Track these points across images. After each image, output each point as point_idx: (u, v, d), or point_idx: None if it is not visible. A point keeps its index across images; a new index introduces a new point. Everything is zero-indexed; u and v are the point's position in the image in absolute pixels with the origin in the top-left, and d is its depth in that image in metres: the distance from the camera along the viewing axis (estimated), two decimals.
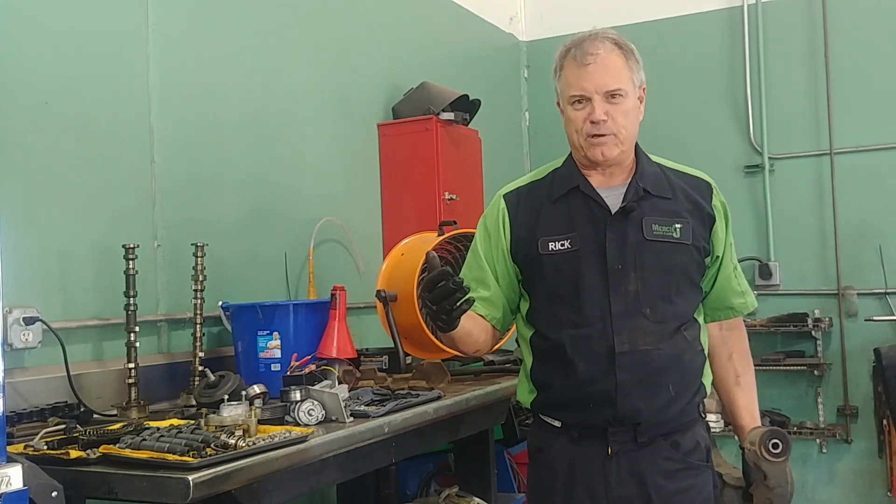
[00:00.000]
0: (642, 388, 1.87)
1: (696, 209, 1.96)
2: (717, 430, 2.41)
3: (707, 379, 2.00)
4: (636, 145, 1.99)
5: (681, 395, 1.91)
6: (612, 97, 1.88)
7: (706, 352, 2.01)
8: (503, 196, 2.05)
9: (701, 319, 2.02)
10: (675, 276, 1.92)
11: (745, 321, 2.15)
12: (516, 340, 3.02)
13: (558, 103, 1.98)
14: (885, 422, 4.16)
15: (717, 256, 2.01)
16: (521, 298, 2.05)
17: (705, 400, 2.01)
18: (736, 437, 2.08)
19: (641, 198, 1.92)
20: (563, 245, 1.91)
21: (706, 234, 1.97)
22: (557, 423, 1.97)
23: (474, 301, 1.83)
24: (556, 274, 1.92)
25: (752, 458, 1.97)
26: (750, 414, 2.06)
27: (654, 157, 2.02)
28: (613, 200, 1.93)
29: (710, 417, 2.23)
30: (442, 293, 1.70)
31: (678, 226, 1.92)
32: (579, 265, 1.90)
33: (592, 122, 1.88)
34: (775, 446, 1.93)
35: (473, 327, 1.97)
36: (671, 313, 1.91)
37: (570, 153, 2.00)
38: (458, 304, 1.72)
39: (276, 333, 2.57)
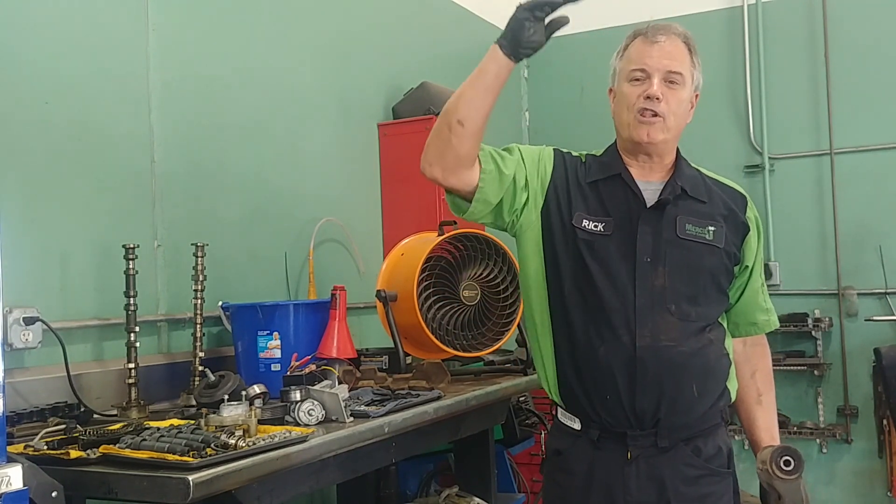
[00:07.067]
0: (663, 384, 1.83)
1: (730, 216, 1.95)
2: None
3: (732, 385, 1.97)
4: (677, 149, 1.97)
5: (704, 396, 1.88)
6: (671, 82, 1.87)
7: (731, 356, 1.97)
8: (552, 149, 2.00)
9: (725, 325, 1.99)
10: (703, 278, 1.89)
11: None
12: (516, 340, 3.05)
13: (610, 90, 1.96)
14: (885, 422, 4.16)
15: (747, 266, 1.98)
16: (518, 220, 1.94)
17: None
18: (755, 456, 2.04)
19: (678, 196, 1.90)
20: (596, 227, 1.88)
21: (738, 241, 1.95)
22: (577, 426, 1.93)
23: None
24: (587, 252, 1.88)
25: (765, 478, 1.92)
26: (769, 434, 2.03)
27: (692, 164, 2.01)
28: (650, 195, 1.91)
29: None
30: None
31: (711, 228, 1.90)
32: (610, 251, 1.86)
33: (647, 98, 1.85)
34: (787, 463, 1.89)
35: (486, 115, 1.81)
36: (696, 313, 1.87)
37: (612, 143, 1.99)
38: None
39: (276, 333, 2.57)
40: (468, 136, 1.78)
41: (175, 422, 2.04)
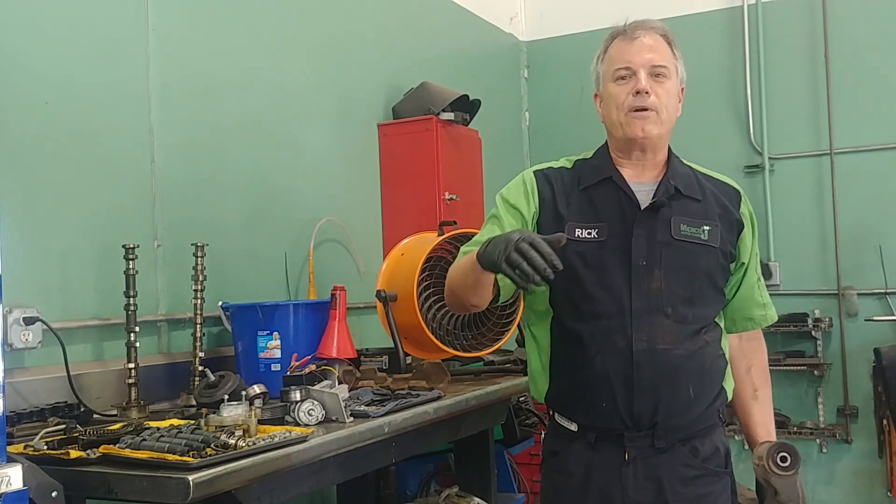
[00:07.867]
0: (660, 388, 1.83)
1: (725, 214, 1.94)
2: None
3: (729, 384, 1.97)
4: (668, 147, 1.96)
5: (701, 398, 1.87)
6: (657, 75, 1.87)
7: (727, 356, 1.97)
8: (532, 171, 2.00)
9: (722, 324, 1.99)
10: (699, 278, 1.89)
11: None
12: (516, 340, 3.05)
13: (596, 95, 1.96)
14: (885, 422, 4.16)
15: (743, 263, 1.98)
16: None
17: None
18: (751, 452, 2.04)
19: (672, 196, 1.89)
20: (589, 234, 1.87)
21: (733, 239, 1.95)
22: (573, 427, 1.93)
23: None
24: (580, 262, 1.87)
25: (761, 474, 1.93)
26: (765, 429, 2.03)
27: (684, 161, 2.00)
28: (643, 196, 1.90)
29: None
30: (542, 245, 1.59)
31: (706, 228, 1.90)
32: (604, 257, 1.86)
33: (636, 94, 1.85)
34: (783, 459, 1.89)
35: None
36: (693, 315, 1.87)
37: (603, 145, 1.98)
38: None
39: (276, 333, 2.57)
40: (484, 305, 1.95)
41: (175, 422, 2.04)
